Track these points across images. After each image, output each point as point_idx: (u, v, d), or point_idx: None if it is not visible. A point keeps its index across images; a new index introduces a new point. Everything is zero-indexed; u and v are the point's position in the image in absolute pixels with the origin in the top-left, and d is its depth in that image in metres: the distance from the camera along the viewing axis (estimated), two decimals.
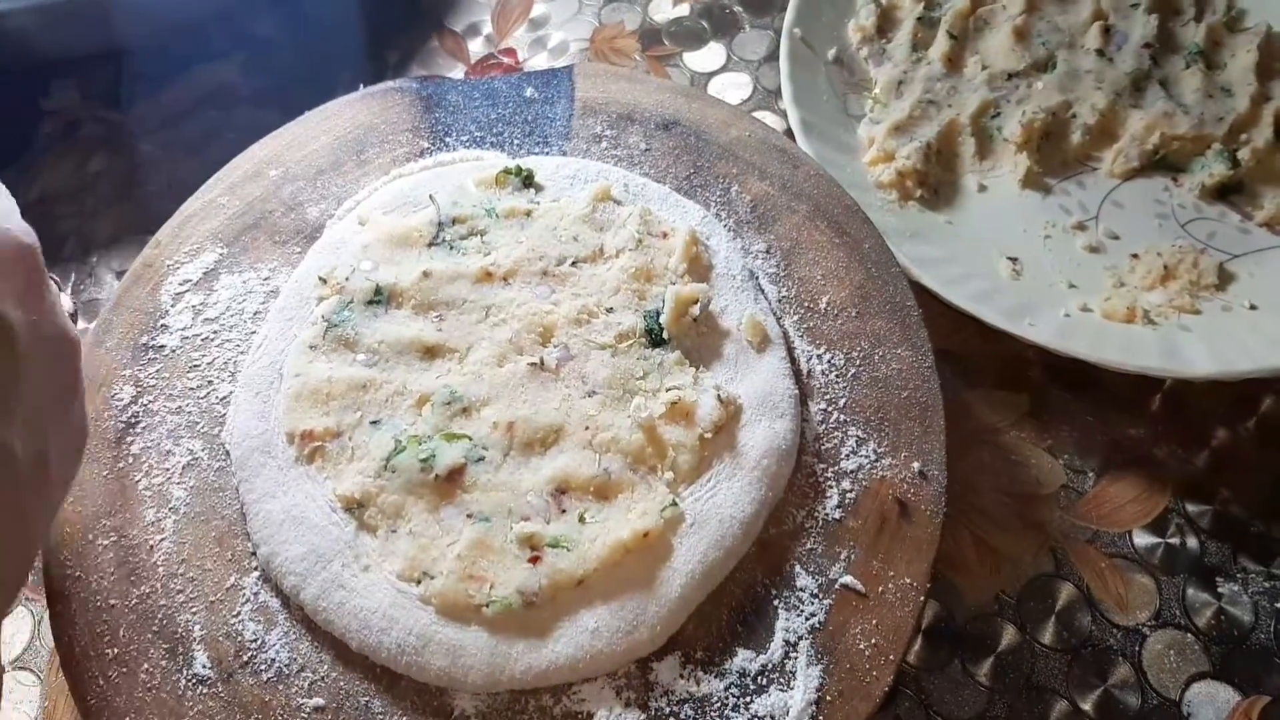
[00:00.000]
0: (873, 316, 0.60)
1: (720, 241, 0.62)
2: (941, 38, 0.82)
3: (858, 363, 0.59)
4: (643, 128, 0.69)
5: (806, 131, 0.75)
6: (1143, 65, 0.80)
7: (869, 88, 0.82)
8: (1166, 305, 0.69)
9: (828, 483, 0.55)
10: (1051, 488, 0.65)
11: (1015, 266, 0.72)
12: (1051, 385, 0.69)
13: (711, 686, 0.49)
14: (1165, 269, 0.71)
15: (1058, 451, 0.66)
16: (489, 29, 0.90)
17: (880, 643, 0.50)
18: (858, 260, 0.62)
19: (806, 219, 0.64)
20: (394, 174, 0.67)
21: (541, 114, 0.71)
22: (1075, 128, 0.78)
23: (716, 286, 0.60)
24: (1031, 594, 0.61)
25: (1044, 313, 0.67)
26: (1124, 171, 0.77)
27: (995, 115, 0.79)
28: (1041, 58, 0.81)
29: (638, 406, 0.54)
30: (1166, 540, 0.63)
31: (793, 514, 0.54)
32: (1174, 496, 0.65)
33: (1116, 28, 0.82)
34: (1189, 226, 0.74)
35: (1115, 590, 0.61)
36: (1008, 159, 0.78)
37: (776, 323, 0.60)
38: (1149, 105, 0.78)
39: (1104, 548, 0.63)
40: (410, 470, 0.52)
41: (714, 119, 0.70)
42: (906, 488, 0.54)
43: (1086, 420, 0.67)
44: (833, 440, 0.56)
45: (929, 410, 0.57)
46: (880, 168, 0.76)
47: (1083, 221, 0.74)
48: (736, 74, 0.87)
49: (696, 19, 0.90)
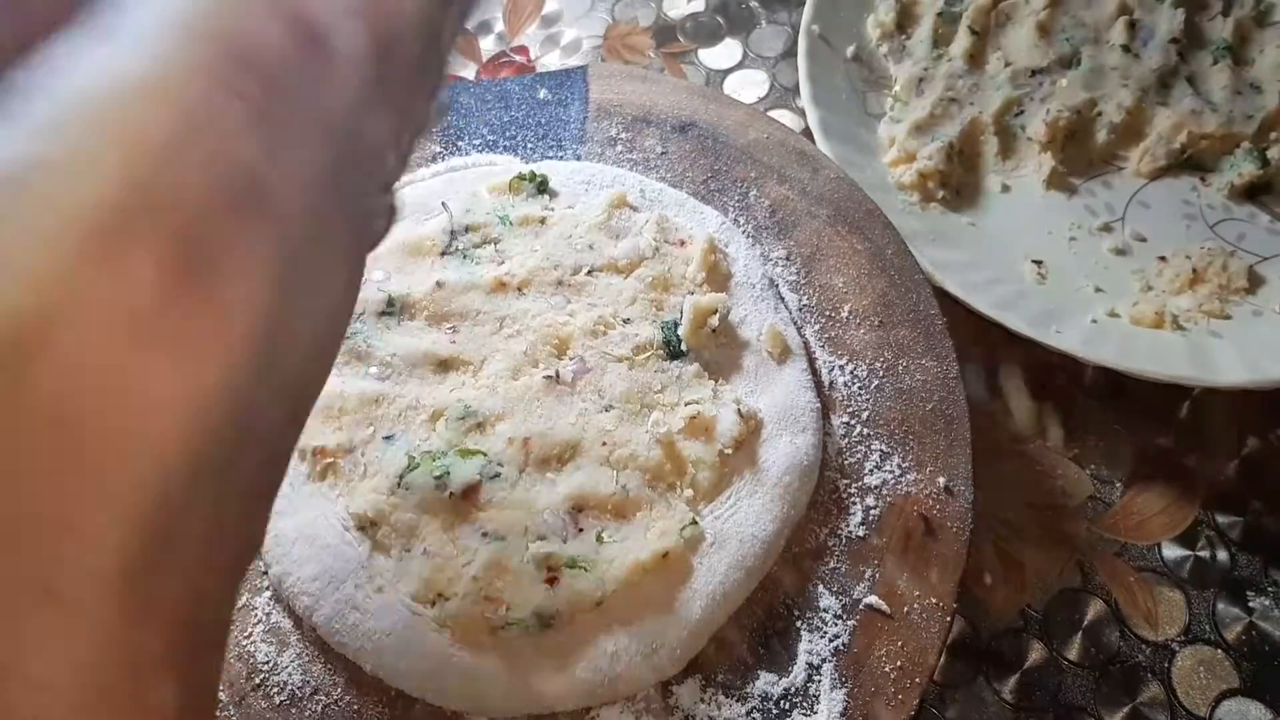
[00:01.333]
0: (896, 326, 0.59)
1: (739, 249, 0.61)
2: (963, 33, 0.80)
3: (881, 374, 0.57)
4: (659, 130, 0.68)
5: (826, 131, 0.73)
6: (1169, 61, 0.77)
7: (889, 85, 0.80)
8: (1195, 310, 0.67)
9: (851, 499, 0.53)
10: (1078, 499, 0.63)
11: (1040, 270, 0.70)
12: (1078, 393, 0.67)
13: (733, 711, 0.48)
14: (1194, 272, 0.69)
15: (1084, 461, 0.65)
16: (500, 26, 0.89)
17: (905, 665, 0.48)
18: (880, 267, 0.61)
19: (827, 224, 0.63)
20: (405, 179, 0.66)
21: (555, 116, 0.69)
22: (1101, 126, 0.76)
23: (735, 296, 0.59)
24: (1058, 609, 0.60)
25: (1071, 319, 0.66)
26: (1151, 171, 0.75)
27: (1019, 113, 0.77)
28: (1066, 54, 0.79)
29: (656, 422, 0.53)
30: (1196, 553, 0.62)
31: (815, 532, 0.53)
32: (1203, 508, 0.63)
33: (1142, 22, 0.80)
34: (1218, 228, 0.72)
35: (1144, 605, 0.60)
36: (1031, 158, 0.76)
37: (797, 332, 0.58)
38: (1176, 103, 0.76)
39: (1132, 561, 0.61)
40: (424, 488, 0.51)
41: (731, 120, 0.68)
42: (932, 504, 0.53)
43: (1114, 429, 0.66)
44: (856, 455, 0.55)
45: (954, 423, 0.55)
46: (901, 168, 0.74)
47: (1109, 223, 0.73)
48: (753, 71, 0.85)
49: (712, 14, 0.88)
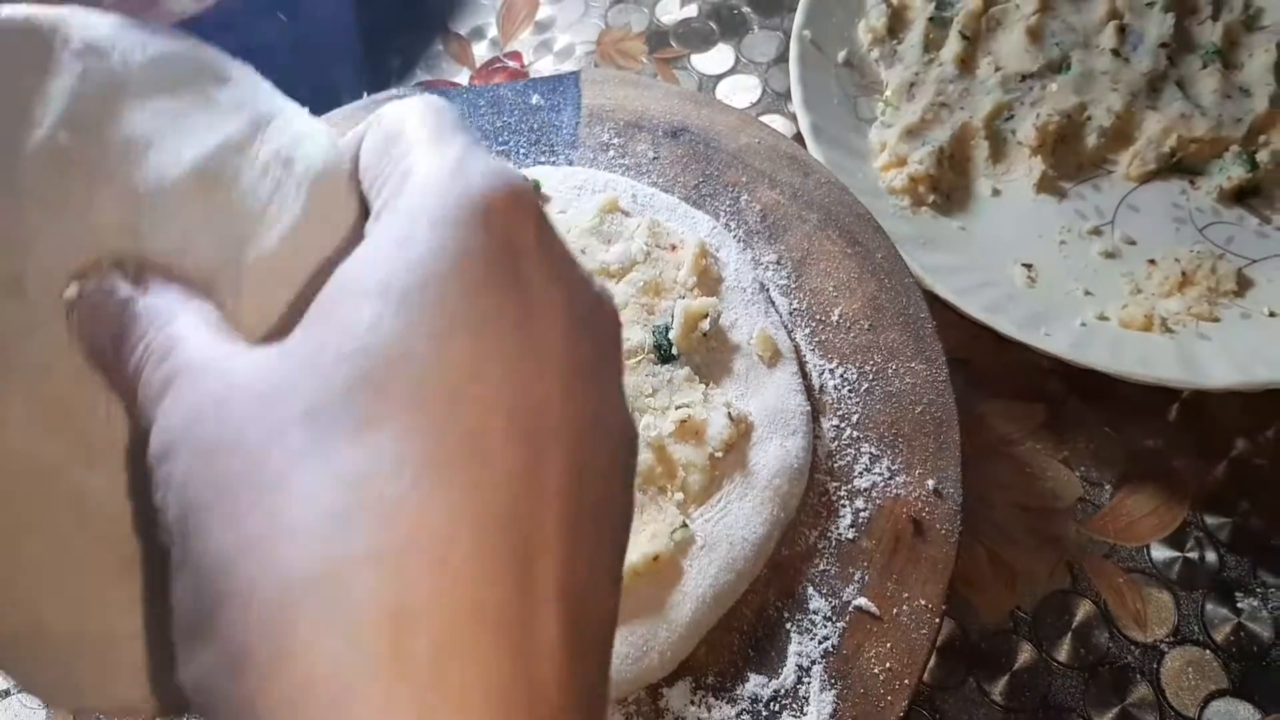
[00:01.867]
0: (886, 329, 0.59)
1: (730, 253, 0.61)
2: (954, 38, 0.80)
3: (871, 377, 0.58)
4: (651, 135, 0.68)
5: (817, 136, 0.74)
6: (1159, 65, 0.78)
7: (880, 90, 0.80)
8: (1184, 313, 0.68)
9: (841, 502, 0.54)
10: (1068, 501, 0.64)
11: (1030, 274, 0.70)
12: (1068, 395, 0.68)
13: (723, 713, 0.48)
14: (1183, 275, 0.69)
15: (1074, 463, 0.65)
16: (494, 32, 0.89)
17: (895, 667, 0.49)
18: (870, 271, 0.61)
19: (818, 228, 0.63)
20: None
21: (548, 122, 0.69)
22: (1090, 130, 0.76)
23: (726, 300, 0.59)
24: (1048, 610, 0.60)
25: (1060, 322, 0.66)
26: (1140, 175, 0.75)
27: (1009, 118, 0.77)
28: (1056, 58, 0.79)
29: (646, 425, 0.53)
30: (1185, 554, 0.62)
31: (805, 534, 0.53)
32: (1192, 509, 0.64)
33: (1132, 27, 0.80)
34: (1207, 231, 0.73)
35: (1133, 606, 0.60)
36: (1022, 162, 0.76)
37: (788, 336, 0.59)
38: (1165, 106, 0.76)
39: (1121, 562, 0.62)
40: None
41: (723, 125, 0.68)
42: (921, 506, 0.53)
43: (1103, 431, 0.66)
44: (846, 457, 0.55)
45: (944, 426, 0.56)
46: (892, 173, 0.74)
47: (1099, 226, 0.73)
48: (745, 76, 0.85)
49: (705, 20, 0.89)
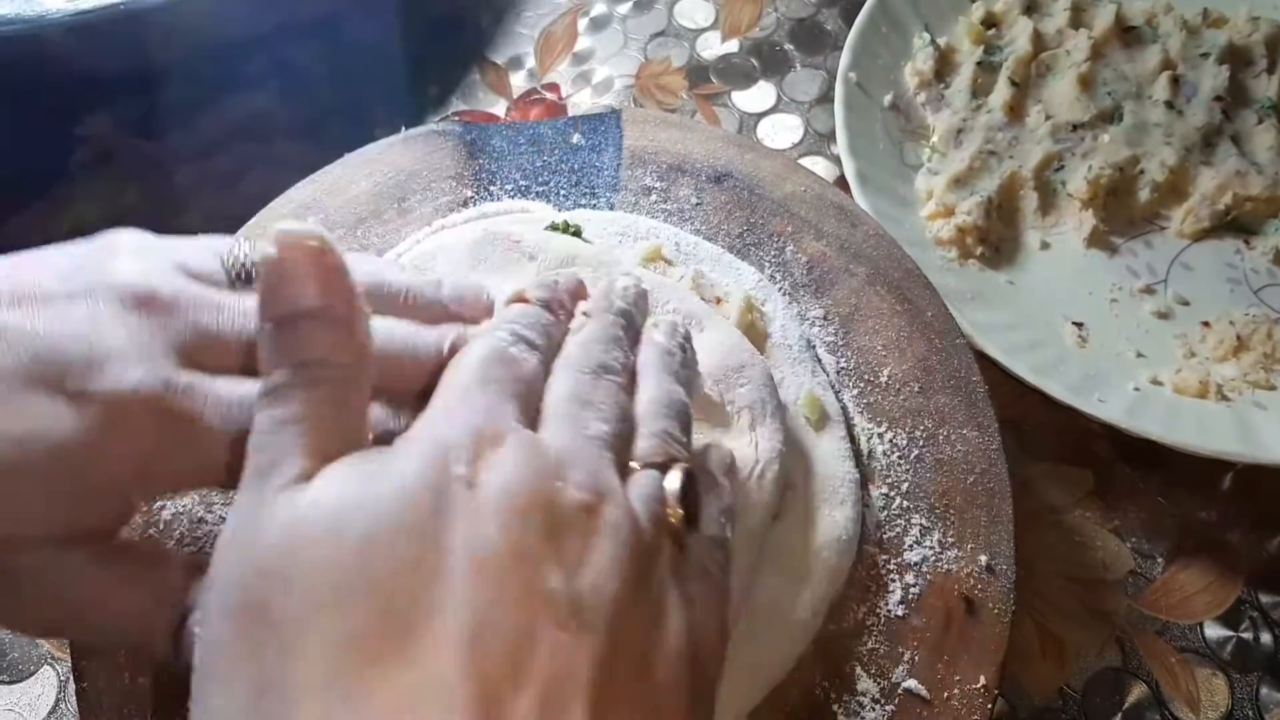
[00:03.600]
0: (936, 392, 0.57)
1: (776, 307, 0.59)
2: (1003, 84, 0.79)
3: (921, 443, 0.56)
4: (694, 180, 0.67)
5: (862, 183, 0.72)
6: (1214, 119, 0.76)
7: (926, 135, 0.79)
8: (1240, 379, 0.66)
9: (890, 576, 0.52)
10: (1119, 573, 0.62)
11: (1081, 333, 0.68)
12: (1116, 460, 0.66)
13: None
14: (1238, 339, 0.68)
15: (1125, 534, 0.63)
16: (532, 63, 0.88)
17: None
18: (920, 330, 0.60)
19: (866, 283, 0.62)
20: (437, 224, 0.64)
21: (589, 163, 0.68)
22: (1143, 184, 0.74)
23: (773, 357, 0.57)
24: (1098, 689, 0.58)
25: (1113, 386, 0.64)
26: (1194, 232, 0.73)
27: (1059, 168, 0.76)
28: (1108, 108, 0.77)
29: None
30: (1239, 634, 0.60)
31: (853, 610, 0.51)
32: (1246, 586, 0.61)
33: (1185, 78, 0.79)
34: (1262, 293, 0.71)
35: (1186, 688, 0.58)
36: (1072, 215, 0.74)
37: (835, 398, 0.57)
38: (1220, 162, 0.75)
39: (1174, 640, 0.60)
40: None
41: (768, 171, 0.67)
42: (974, 584, 0.51)
43: (1155, 500, 0.64)
44: (895, 529, 0.53)
45: (996, 497, 0.54)
46: (939, 223, 0.73)
47: (1151, 285, 0.71)
48: (788, 115, 0.84)
49: (745, 56, 0.87)
